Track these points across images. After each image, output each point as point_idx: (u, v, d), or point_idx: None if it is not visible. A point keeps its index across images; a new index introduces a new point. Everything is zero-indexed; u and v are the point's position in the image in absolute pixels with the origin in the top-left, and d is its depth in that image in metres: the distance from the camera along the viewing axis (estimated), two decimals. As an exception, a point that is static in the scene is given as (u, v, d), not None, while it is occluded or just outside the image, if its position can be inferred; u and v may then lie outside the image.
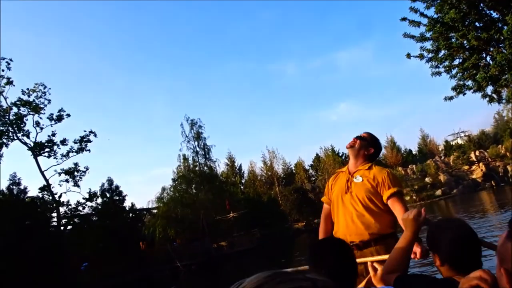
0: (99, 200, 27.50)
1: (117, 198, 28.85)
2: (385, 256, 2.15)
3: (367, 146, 2.92)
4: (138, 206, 33.85)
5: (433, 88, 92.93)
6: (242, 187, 51.91)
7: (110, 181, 29.00)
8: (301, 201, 45.75)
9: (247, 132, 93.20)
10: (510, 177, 51.01)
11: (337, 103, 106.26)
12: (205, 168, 36.59)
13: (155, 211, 32.72)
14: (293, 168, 61.39)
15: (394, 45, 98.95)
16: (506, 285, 0.87)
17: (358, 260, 2.37)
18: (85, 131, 26.27)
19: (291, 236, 36.31)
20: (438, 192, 50.28)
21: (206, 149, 36.89)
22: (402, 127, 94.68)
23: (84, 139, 25.46)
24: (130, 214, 31.91)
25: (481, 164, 53.42)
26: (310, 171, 63.67)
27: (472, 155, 56.04)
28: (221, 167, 49.68)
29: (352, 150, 2.91)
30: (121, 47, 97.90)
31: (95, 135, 25.78)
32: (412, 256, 2.10)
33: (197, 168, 36.73)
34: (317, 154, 62.61)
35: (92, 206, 26.65)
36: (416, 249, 2.28)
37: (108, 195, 28.38)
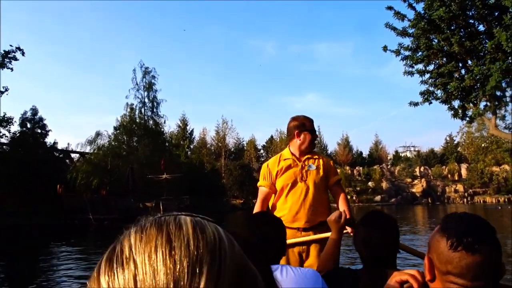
0: (16, 129, 24.08)
1: (39, 131, 25.59)
2: (322, 235, 2.66)
3: None
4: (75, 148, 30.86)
5: (398, 99, 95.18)
6: (189, 152, 49.81)
7: (34, 111, 25.59)
8: (244, 179, 44.68)
9: (210, 100, 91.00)
10: (446, 197, 53.08)
11: (306, 92, 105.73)
12: (150, 122, 34.01)
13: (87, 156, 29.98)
14: (245, 145, 60.13)
15: (374, 49, 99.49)
16: (427, 272, 1.00)
17: (297, 240, 2.78)
18: (11, 45, 22.19)
19: (226, 211, 35.12)
20: (378, 198, 51.30)
21: (155, 102, 34.29)
22: (360, 130, 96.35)
23: (9, 55, 21.77)
24: (56, 153, 28.88)
25: (423, 180, 55.06)
26: (261, 151, 62.79)
27: (417, 170, 57.68)
28: (171, 127, 47.33)
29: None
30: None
31: (23, 54, 22.18)
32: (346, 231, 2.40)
33: (142, 121, 34.14)
34: (271, 136, 61.70)
35: (2, 133, 22.99)
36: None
37: (29, 125, 25.11)
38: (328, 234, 2.50)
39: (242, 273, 0.40)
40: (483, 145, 50.41)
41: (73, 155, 33.12)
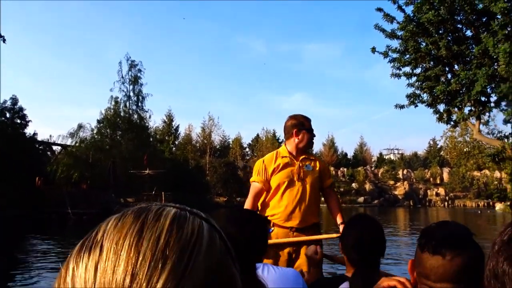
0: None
1: (19, 121, 24.82)
2: (313, 237, 2.75)
3: None
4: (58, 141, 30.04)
5: (384, 102, 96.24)
6: (173, 148, 49.28)
7: (14, 100, 24.78)
8: (228, 176, 44.45)
9: (197, 96, 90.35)
10: (427, 200, 53.86)
11: (293, 92, 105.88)
12: (135, 116, 33.51)
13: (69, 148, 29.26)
14: (230, 142, 59.89)
15: (363, 52, 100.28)
16: (409, 273, 1.08)
17: (288, 240, 2.80)
18: None
19: (209, 208, 34.84)
20: (361, 199, 51.71)
21: (140, 96, 33.76)
22: (346, 131, 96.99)
23: (-12, 41, 20.99)
24: (37, 145, 28.10)
25: (405, 182, 55.74)
26: (247, 149, 62.67)
27: (400, 172, 58.34)
28: (156, 122, 46.69)
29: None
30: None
31: (4, 41, 21.43)
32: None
33: (127, 115, 33.57)
34: (257, 135, 61.60)
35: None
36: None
37: (8, 115, 24.32)
38: (320, 237, 2.82)
39: (216, 275, 0.37)
40: (465, 150, 51.29)
41: (55, 147, 32.49)
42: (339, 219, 2.95)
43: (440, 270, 0.97)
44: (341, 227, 2.76)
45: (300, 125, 2.99)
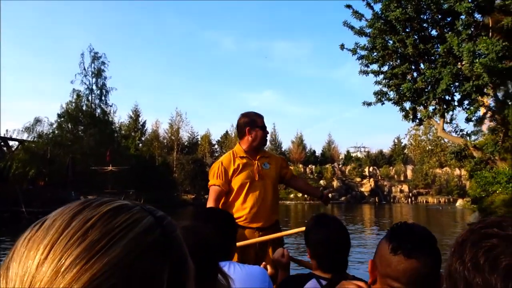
0: None
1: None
2: (278, 234, 2.78)
3: None
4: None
5: (352, 101, 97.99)
6: (140, 145, 47.92)
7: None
8: (196, 173, 43.68)
9: (165, 91, 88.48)
10: (391, 197, 55.30)
11: (262, 89, 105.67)
12: (98, 110, 32.20)
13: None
14: (199, 139, 59.04)
15: (332, 51, 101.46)
16: (369, 274, 1.10)
17: (254, 240, 2.75)
18: None
19: (176, 206, 34.04)
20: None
21: (104, 90, 32.47)
22: (314, 129, 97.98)
23: None
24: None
25: (371, 179, 56.92)
26: (216, 146, 61.98)
27: (366, 170, 59.52)
28: (121, 117, 45.20)
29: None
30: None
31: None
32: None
33: (89, 109, 32.21)
34: (227, 131, 61.05)
35: None
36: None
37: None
38: (288, 232, 2.87)
39: (129, 271, 0.36)
40: (428, 148, 52.99)
41: (12, 142, 30.73)
42: (319, 191, 3.22)
43: (414, 274, 0.99)
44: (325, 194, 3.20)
45: (252, 123, 2.97)
